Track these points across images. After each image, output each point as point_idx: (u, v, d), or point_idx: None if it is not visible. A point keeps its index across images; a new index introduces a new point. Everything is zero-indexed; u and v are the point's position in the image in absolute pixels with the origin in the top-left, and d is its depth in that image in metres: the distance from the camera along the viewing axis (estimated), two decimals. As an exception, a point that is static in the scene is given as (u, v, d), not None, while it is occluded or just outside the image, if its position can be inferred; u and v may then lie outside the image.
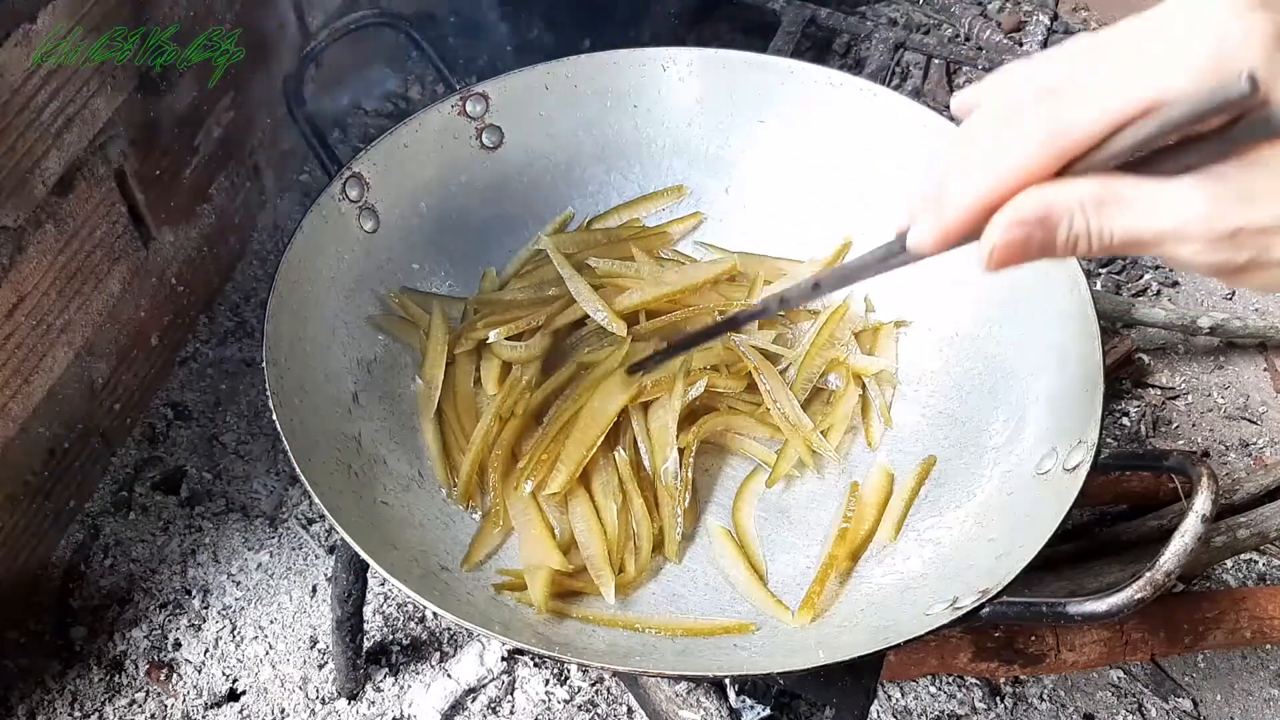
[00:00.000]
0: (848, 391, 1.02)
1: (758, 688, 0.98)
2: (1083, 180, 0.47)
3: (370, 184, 0.99)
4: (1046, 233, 0.47)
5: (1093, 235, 0.47)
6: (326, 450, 0.87)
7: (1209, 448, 1.44)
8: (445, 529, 0.92)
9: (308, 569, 1.22)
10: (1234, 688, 1.22)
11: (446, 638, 1.17)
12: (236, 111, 1.38)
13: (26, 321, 1.06)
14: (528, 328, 1.04)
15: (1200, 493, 0.73)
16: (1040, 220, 0.47)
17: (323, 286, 0.95)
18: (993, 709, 1.17)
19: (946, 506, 0.92)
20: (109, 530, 1.24)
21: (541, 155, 1.12)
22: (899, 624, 0.78)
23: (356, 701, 1.12)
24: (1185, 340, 1.55)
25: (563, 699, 1.13)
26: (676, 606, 0.90)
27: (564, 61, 1.08)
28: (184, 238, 1.33)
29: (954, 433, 0.98)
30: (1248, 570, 1.31)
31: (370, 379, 0.97)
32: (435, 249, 1.07)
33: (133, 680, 1.13)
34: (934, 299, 1.05)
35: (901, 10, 1.95)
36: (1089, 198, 0.46)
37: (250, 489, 1.29)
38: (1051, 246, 0.48)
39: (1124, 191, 0.46)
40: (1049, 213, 0.47)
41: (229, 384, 1.38)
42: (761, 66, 1.09)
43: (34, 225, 1.04)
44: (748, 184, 1.14)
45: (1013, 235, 0.48)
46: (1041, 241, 0.48)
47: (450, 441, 0.99)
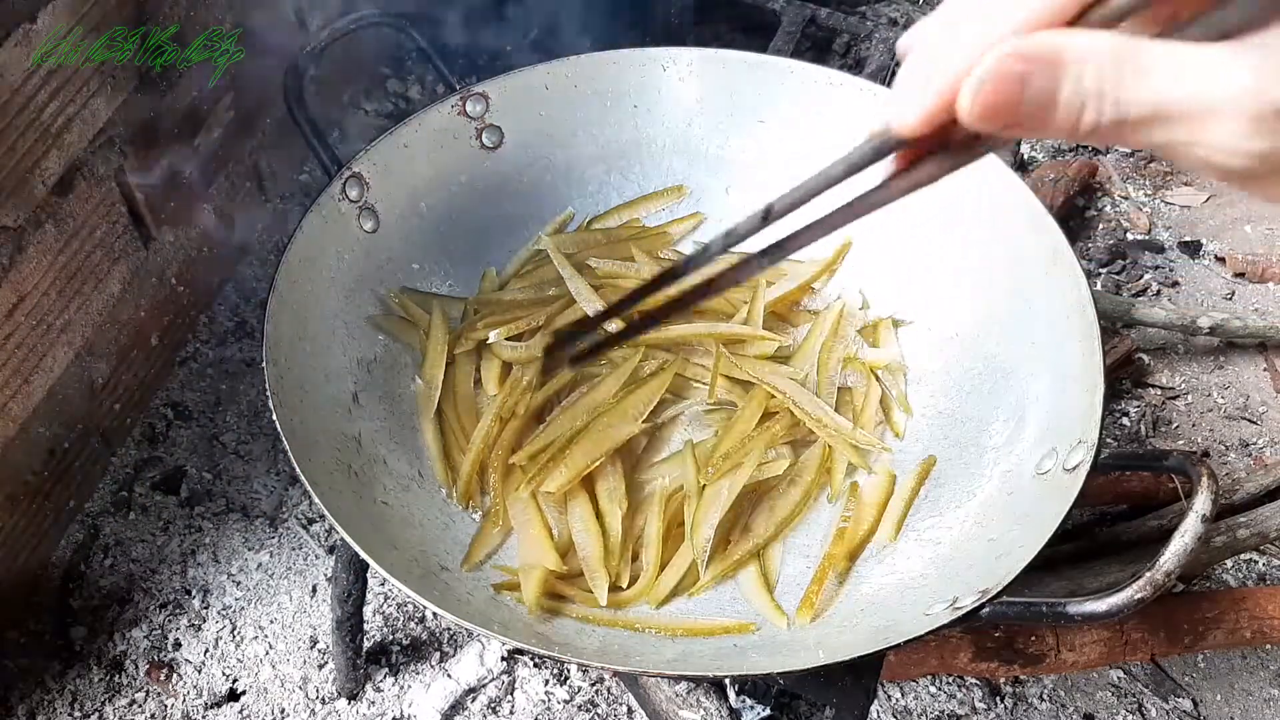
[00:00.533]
0: (869, 386, 1.02)
1: (758, 688, 0.98)
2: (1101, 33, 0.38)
3: (370, 184, 0.99)
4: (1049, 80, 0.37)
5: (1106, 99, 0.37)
6: (326, 450, 0.87)
7: (1209, 448, 1.44)
8: (445, 529, 0.92)
9: (308, 569, 1.22)
10: (1234, 688, 1.22)
11: (446, 638, 1.17)
12: (236, 111, 1.38)
13: (26, 321, 1.06)
14: (528, 328, 1.04)
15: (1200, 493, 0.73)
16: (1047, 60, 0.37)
17: (323, 286, 0.95)
18: (993, 709, 1.17)
19: (946, 506, 0.92)
20: (109, 530, 1.24)
21: (541, 155, 1.12)
22: (899, 624, 0.78)
23: (356, 701, 1.12)
24: (1185, 340, 1.55)
25: (563, 699, 1.13)
26: (676, 606, 0.90)
27: (564, 61, 1.08)
28: (184, 238, 1.33)
29: (954, 433, 0.98)
30: (1248, 570, 1.31)
31: (370, 379, 0.97)
32: (435, 249, 1.07)
33: (133, 680, 1.13)
34: (934, 299, 1.05)
35: (901, 10, 1.95)
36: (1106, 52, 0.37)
37: (250, 489, 1.29)
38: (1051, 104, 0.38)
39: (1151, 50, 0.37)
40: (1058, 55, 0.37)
41: (229, 384, 1.38)
42: (761, 66, 1.09)
43: (34, 225, 1.04)
44: (748, 184, 1.14)
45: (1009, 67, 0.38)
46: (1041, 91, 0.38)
47: (450, 441, 0.99)
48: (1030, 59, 0.37)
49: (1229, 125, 0.36)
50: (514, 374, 1.01)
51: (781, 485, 0.97)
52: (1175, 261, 1.67)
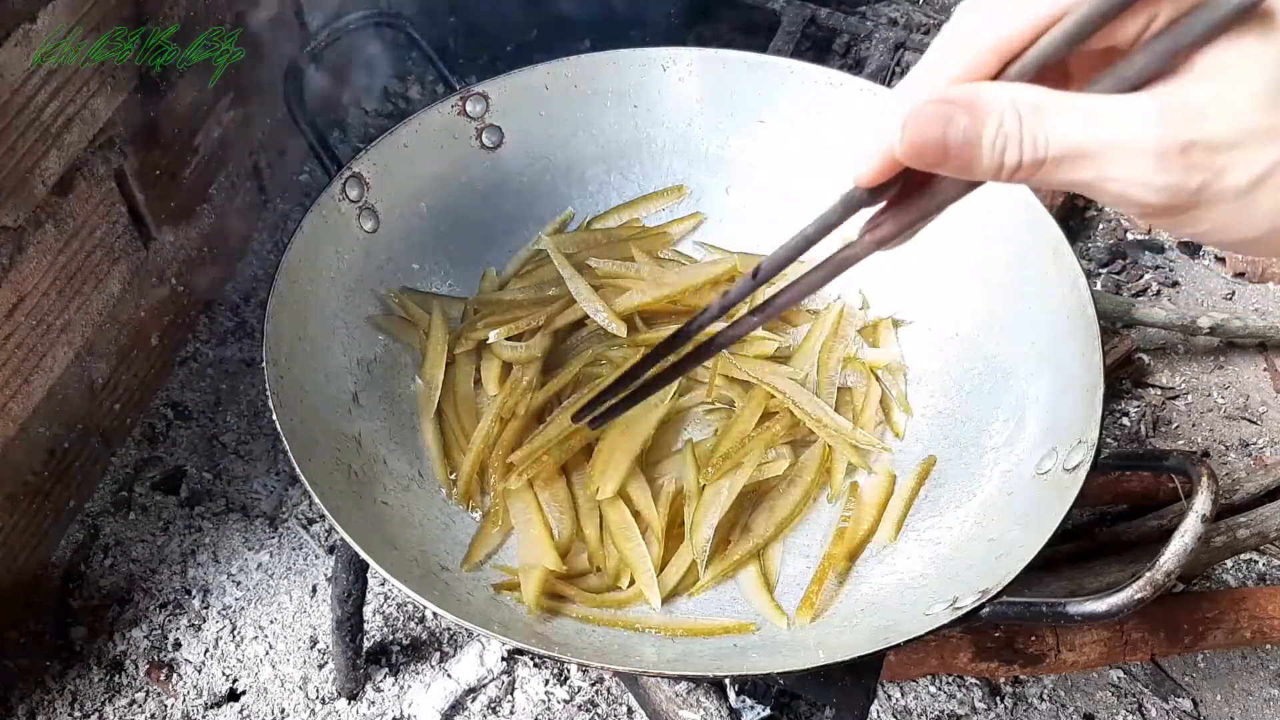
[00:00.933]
0: (869, 386, 1.02)
1: (758, 688, 0.98)
2: (1020, 84, 0.43)
3: (370, 184, 0.99)
4: (972, 123, 0.42)
5: (1025, 141, 0.41)
6: (326, 450, 0.87)
7: (1209, 448, 1.44)
8: (445, 529, 0.92)
9: (308, 569, 1.22)
10: (1234, 688, 1.22)
11: (446, 638, 1.17)
12: (236, 111, 1.38)
13: (26, 321, 1.06)
14: (528, 328, 1.04)
15: (1200, 493, 0.73)
16: (968, 105, 0.42)
17: (323, 286, 0.95)
18: (993, 709, 1.17)
19: (946, 506, 0.92)
20: (109, 530, 1.24)
21: (541, 155, 1.12)
22: (899, 624, 0.78)
23: (356, 701, 1.12)
24: (1185, 340, 1.55)
25: (563, 699, 1.13)
26: (677, 606, 0.90)
27: (564, 61, 1.08)
28: (184, 238, 1.33)
29: (954, 433, 0.98)
30: (1248, 570, 1.31)
31: (370, 379, 0.97)
32: (435, 249, 1.07)
33: (133, 680, 1.13)
34: (934, 299, 1.05)
35: (901, 10, 1.95)
36: (1024, 100, 0.42)
37: (250, 489, 1.29)
38: (976, 146, 0.42)
39: (1065, 99, 0.42)
40: (978, 101, 0.42)
41: (229, 384, 1.38)
42: (761, 66, 1.09)
43: (34, 225, 1.04)
44: (748, 184, 1.14)
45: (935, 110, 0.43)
46: (966, 132, 0.42)
47: (450, 442, 0.99)
48: (951, 102, 0.43)
49: (1137, 162, 0.40)
50: (514, 374, 1.01)
51: (781, 485, 0.97)
52: (1175, 261, 1.67)
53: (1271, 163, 0.40)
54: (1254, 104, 0.40)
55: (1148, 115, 0.40)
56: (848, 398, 1.03)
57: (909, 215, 0.51)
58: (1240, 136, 0.40)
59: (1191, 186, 0.40)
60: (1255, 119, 0.40)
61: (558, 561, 0.89)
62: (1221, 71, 0.40)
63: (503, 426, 0.98)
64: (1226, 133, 0.40)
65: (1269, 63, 0.39)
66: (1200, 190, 0.40)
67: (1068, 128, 0.41)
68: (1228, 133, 0.40)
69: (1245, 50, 0.39)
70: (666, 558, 0.92)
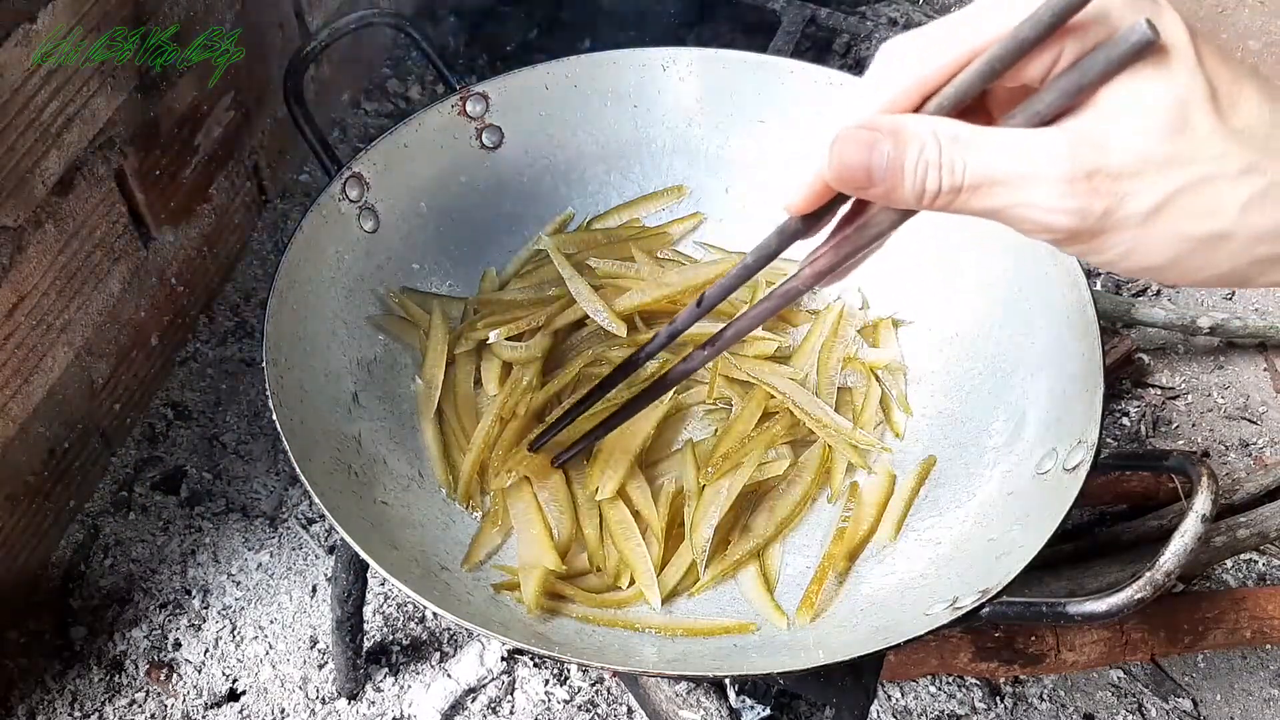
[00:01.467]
0: (869, 386, 1.02)
1: (758, 688, 0.98)
2: (940, 118, 0.46)
3: (370, 184, 0.99)
4: (896, 148, 0.45)
5: (944, 168, 0.45)
6: (326, 450, 0.87)
7: (1209, 448, 1.44)
8: (445, 529, 0.92)
9: (308, 569, 1.22)
10: (1234, 688, 1.22)
11: (446, 638, 1.17)
12: (236, 111, 1.38)
13: (26, 321, 1.06)
14: (528, 328, 1.04)
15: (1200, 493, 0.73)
16: (892, 132, 0.46)
17: (323, 286, 0.95)
18: (993, 709, 1.17)
19: (946, 506, 0.92)
20: (109, 530, 1.24)
21: (541, 155, 1.12)
22: (899, 624, 0.78)
23: (356, 701, 1.12)
24: (1185, 340, 1.55)
25: (563, 699, 1.13)
26: (677, 606, 0.90)
27: (564, 61, 1.08)
28: (184, 238, 1.33)
29: (954, 433, 0.98)
30: (1248, 570, 1.31)
31: (370, 379, 0.97)
32: (435, 249, 1.07)
33: (133, 680, 1.13)
34: (934, 299, 1.05)
35: (901, 10, 1.95)
36: (944, 130, 0.45)
37: (250, 489, 1.29)
38: (899, 171, 0.45)
39: (980, 133, 0.45)
40: (901, 129, 0.45)
41: (229, 384, 1.38)
42: (761, 66, 1.09)
43: (34, 225, 1.04)
44: (748, 184, 1.14)
45: (860, 136, 0.46)
46: (889, 158, 0.46)
47: (450, 442, 0.99)
48: (877, 128, 0.46)
49: (1046, 189, 0.43)
50: (514, 374, 1.01)
51: (781, 485, 0.97)
52: (1175, 261, 1.67)
53: (1171, 190, 0.42)
54: (1153, 135, 0.42)
55: (1055, 146, 0.43)
56: (848, 398, 1.03)
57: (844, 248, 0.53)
58: (1140, 165, 0.42)
59: (1096, 212, 0.43)
60: (1154, 149, 0.42)
61: (557, 561, 0.89)
62: (1123, 105, 0.42)
63: (503, 426, 0.98)
64: (1128, 162, 0.42)
65: (1167, 95, 0.42)
66: (1105, 216, 0.43)
67: (983, 157, 0.44)
68: (1129, 162, 0.42)
69: (1145, 83, 0.42)
70: (666, 558, 0.92)
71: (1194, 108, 0.42)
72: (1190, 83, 0.42)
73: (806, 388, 1.01)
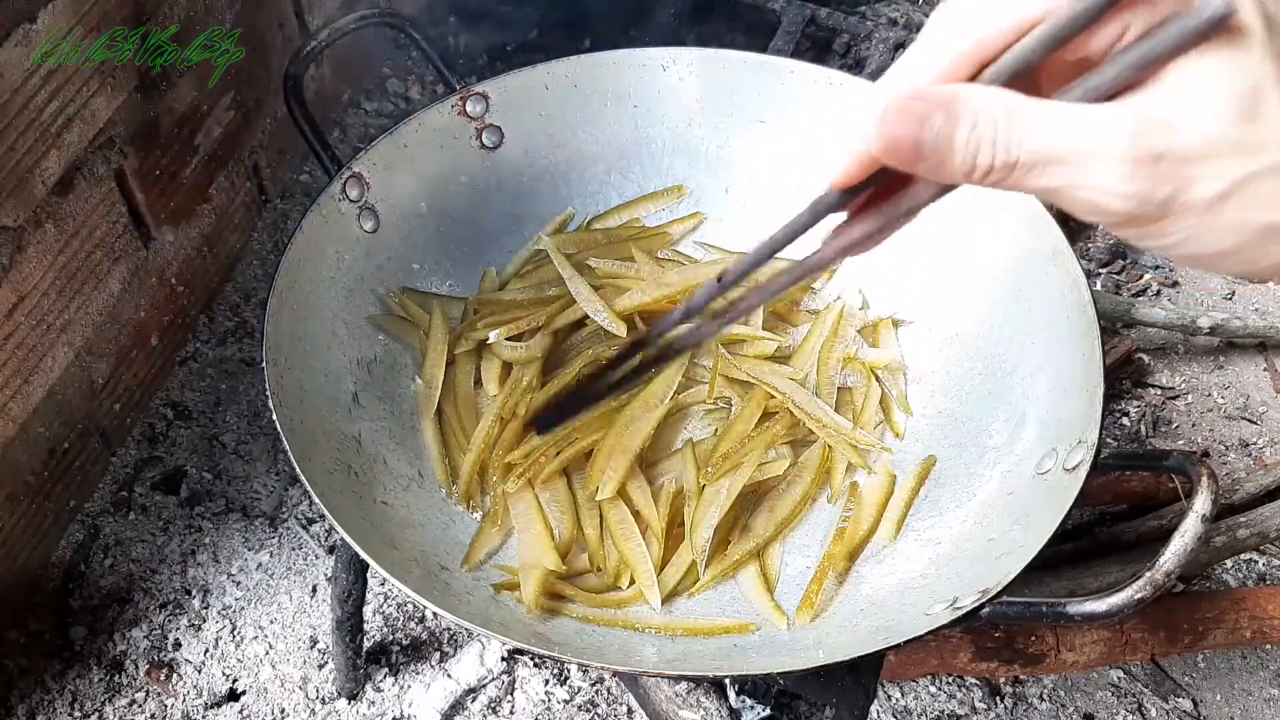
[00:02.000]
0: (869, 386, 1.02)
1: (758, 688, 0.98)
2: (996, 89, 0.43)
3: (370, 184, 0.99)
4: (947, 123, 0.42)
5: (998, 144, 0.42)
6: (326, 450, 0.87)
7: (1209, 448, 1.44)
8: (445, 529, 0.92)
9: (308, 569, 1.22)
10: (1234, 688, 1.22)
11: (446, 638, 1.17)
12: (236, 111, 1.38)
13: (26, 321, 1.06)
14: (528, 328, 1.04)
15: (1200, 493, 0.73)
16: (944, 104, 0.42)
17: (323, 286, 0.95)
18: (993, 709, 1.17)
19: (946, 506, 0.92)
20: (109, 530, 1.24)
21: (541, 155, 1.12)
22: (899, 624, 0.78)
23: (356, 701, 1.12)
24: (1185, 340, 1.55)
25: (563, 699, 1.13)
26: (677, 606, 0.90)
27: (564, 61, 1.08)
28: (184, 238, 1.33)
29: (954, 433, 0.98)
30: (1248, 570, 1.31)
31: (370, 379, 0.97)
32: (435, 249, 1.07)
33: (133, 680, 1.13)
34: (934, 299, 1.05)
35: (901, 10, 1.95)
36: (1000, 104, 0.42)
37: (250, 489, 1.29)
38: (950, 147, 0.42)
39: (1040, 105, 0.42)
40: (955, 101, 0.42)
41: (229, 384, 1.38)
42: (761, 66, 1.09)
43: (34, 225, 1.04)
44: (748, 184, 1.14)
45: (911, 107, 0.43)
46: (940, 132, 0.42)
47: (450, 442, 0.99)
48: (928, 100, 0.43)
49: (1109, 169, 0.40)
50: (514, 374, 1.01)
51: (781, 485, 0.97)
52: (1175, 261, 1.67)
53: (1239, 177, 0.40)
54: (1223, 117, 0.40)
55: (1120, 124, 0.40)
56: (848, 398, 1.03)
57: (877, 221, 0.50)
58: (1209, 149, 0.40)
59: (1160, 196, 0.41)
60: (1224, 132, 0.40)
61: (558, 561, 0.89)
62: (1193, 84, 0.40)
63: (503, 426, 0.98)
64: (1196, 145, 0.40)
65: (1239, 76, 0.40)
66: (1168, 201, 0.41)
67: (1041, 133, 0.41)
68: (1197, 145, 0.40)
69: (1216, 63, 0.40)
70: (666, 558, 0.92)
71: (1266, 93, 0.40)
72: (1263, 67, 0.40)
73: (806, 388, 1.01)
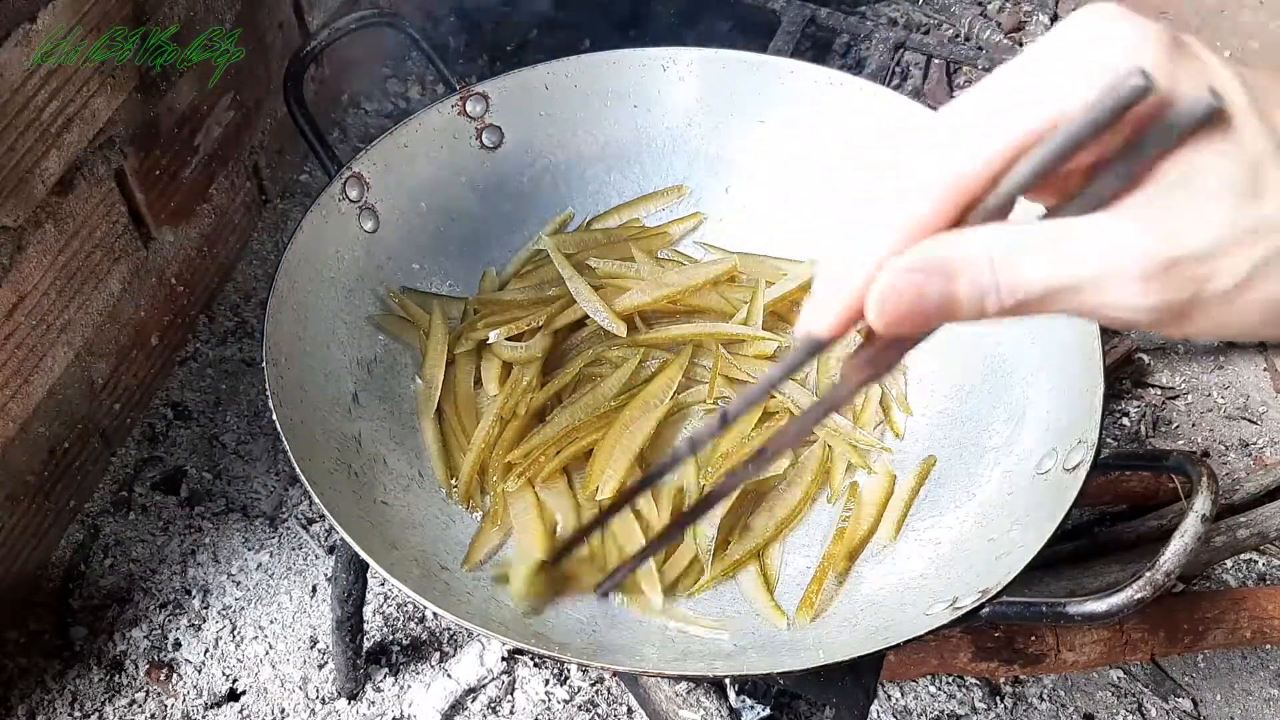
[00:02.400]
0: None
1: (758, 688, 0.98)
2: (988, 227, 0.40)
3: (370, 184, 0.99)
4: (945, 284, 0.40)
5: (1002, 289, 0.39)
6: (326, 450, 0.87)
7: (1209, 448, 1.44)
8: (445, 529, 0.92)
9: (308, 569, 1.22)
10: (1234, 688, 1.22)
11: (446, 638, 1.17)
12: (236, 111, 1.38)
13: (26, 321, 1.06)
14: (528, 328, 1.04)
15: (1200, 493, 0.73)
16: (938, 267, 0.40)
17: (323, 286, 0.95)
18: (993, 709, 1.17)
19: (946, 506, 0.92)
20: (109, 530, 1.24)
21: (541, 155, 1.12)
22: (899, 624, 0.78)
23: (356, 701, 1.12)
24: (1185, 340, 1.55)
25: (563, 699, 1.13)
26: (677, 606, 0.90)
27: (564, 61, 1.08)
28: (184, 238, 1.33)
29: (954, 433, 0.98)
30: (1248, 570, 1.31)
31: (370, 379, 0.97)
32: (435, 249, 1.07)
33: (133, 680, 1.13)
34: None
35: (901, 10, 1.95)
36: (997, 245, 0.39)
37: (250, 489, 1.29)
38: (954, 304, 0.41)
39: (1035, 237, 0.39)
40: (947, 260, 0.40)
41: (229, 384, 1.38)
42: (761, 66, 1.09)
43: (34, 225, 1.04)
44: (748, 184, 1.14)
45: (903, 281, 0.40)
46: (941, 295, 0.40)
47: (450, 442, 0.99)
48: (919, 269, 0.40)
49: (1123, 288, 0.38)
50: (514, 374, 1.01)
51: (781, 485, 0.97)
52: (1175, 261, 1.67)
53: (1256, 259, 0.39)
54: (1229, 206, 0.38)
55: (1123, 238, 0.38)
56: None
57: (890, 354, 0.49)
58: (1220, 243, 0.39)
59: (1180, 300, 0.39)
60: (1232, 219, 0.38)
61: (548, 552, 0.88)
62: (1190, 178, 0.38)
63: (503, 426, 0.98)
64: (1207, 243, 0.38)
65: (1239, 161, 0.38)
66: (1190, 301, 0.39)
67: (1045, 268, 0.39)
68: (1208, 242, 0.38)
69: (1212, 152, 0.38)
70: (666, 557, 0.92)
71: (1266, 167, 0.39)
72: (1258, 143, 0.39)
73: (806, 388, 1.01)
